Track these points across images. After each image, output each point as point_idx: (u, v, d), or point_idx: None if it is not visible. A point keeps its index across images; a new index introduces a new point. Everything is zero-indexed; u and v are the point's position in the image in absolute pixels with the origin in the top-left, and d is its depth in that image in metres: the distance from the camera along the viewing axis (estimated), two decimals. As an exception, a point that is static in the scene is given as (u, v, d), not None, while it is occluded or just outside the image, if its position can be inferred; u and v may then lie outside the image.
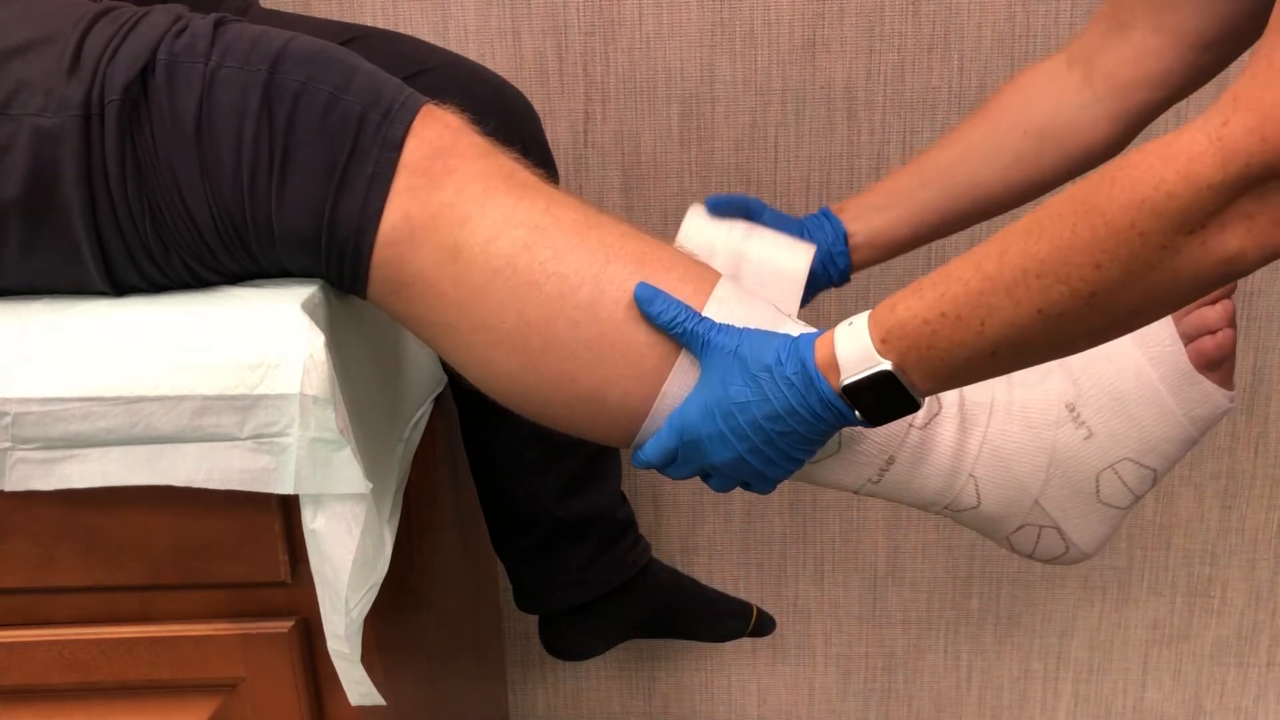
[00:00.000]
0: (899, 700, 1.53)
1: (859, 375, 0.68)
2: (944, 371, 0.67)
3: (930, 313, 0.66)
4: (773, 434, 0.70)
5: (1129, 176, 0.60)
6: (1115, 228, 0.60)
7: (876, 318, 0.68)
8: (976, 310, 0.64)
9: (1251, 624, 1.48)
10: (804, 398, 0.69)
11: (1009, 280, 0.63)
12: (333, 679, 0.76)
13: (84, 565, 0.74)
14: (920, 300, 0.66)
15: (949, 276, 0.66)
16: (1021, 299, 0.63)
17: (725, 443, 0.71)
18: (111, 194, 0.69)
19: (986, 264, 0.64)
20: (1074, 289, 0.62)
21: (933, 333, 0.66)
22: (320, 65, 0.71)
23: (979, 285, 0.64)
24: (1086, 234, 0.61)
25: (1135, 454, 0.80)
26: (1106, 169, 0.62)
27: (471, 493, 1.15)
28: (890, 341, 0.67)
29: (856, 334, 0.68)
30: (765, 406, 0.70)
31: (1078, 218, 0.61)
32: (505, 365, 0.73)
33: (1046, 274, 0.62)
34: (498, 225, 0.71)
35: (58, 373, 0.68)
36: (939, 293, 0.66)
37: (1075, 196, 0.62)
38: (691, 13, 1.24)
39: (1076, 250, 0.61)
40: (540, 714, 1.53)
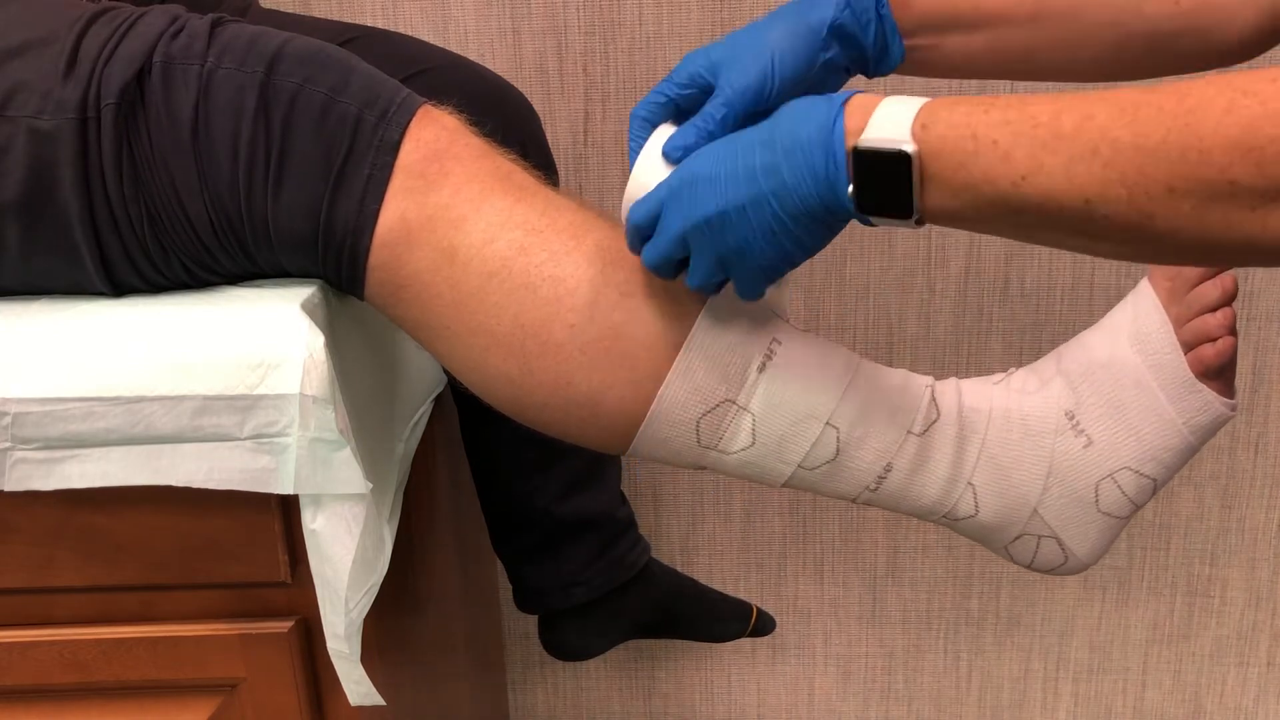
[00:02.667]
0: (899, 700, 1.53)
1: (875, 144, 0.61)
2: (959, 195, 0.60)
3: (984, 131, 0.58)
4: (764, 190, 0.63)
5: (1248, 111, 0.52)
6: (1208, 160, 0.53)
7: (931, 106, 0.61)
8: (1028, 159, 0.57)
9: (1251, 624, 1.48)
10: (813, 141, 0.62)
11: (1076, 150, 0.56)
12: (333, 679, 0.76)
13: (84, 565, 0.74)
14: (984, 115, 0.59)
15: (1025, 107, 0.58)
16: (1078, 176, 0.56)
17: (715, 187, 0.65)
18: (109, 197, 0.69)
19: (1065, 118, 0.57)
20: (1133, 198, 0.55)
21: (974, 152, 0.59)
22: (317, 66, 0.71)
23: (1045, 136, 0.57)
24: (1176, 150, 0.54)
25: (1135, 463, 0.79)
26: (1231, 85, 0.53)
27: (471, 493, 1.14)
28: (930, 131, 0.60)
29: (902, 107, 0.61)
30: (765, 148, 0.64)
31: (1174, 126, 0.54)
32: (501, 368, 0.73)
33: (1114, 166, 0.55)
34: (494, 227, 0.71)
35: (58, 373, 0.68)
36: (1006, 117, 0.58)
37: (1185, 99, 0.54)
38: (691, 13, 1.24)
39: (1158, 162, 0.54)
40: (540, 714, 1.53)
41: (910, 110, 0.61)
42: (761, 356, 0.73)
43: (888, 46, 0.76)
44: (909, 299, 1.34)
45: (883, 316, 1.35)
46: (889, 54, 0.77)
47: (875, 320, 1.36)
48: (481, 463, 1.11)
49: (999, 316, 1.35)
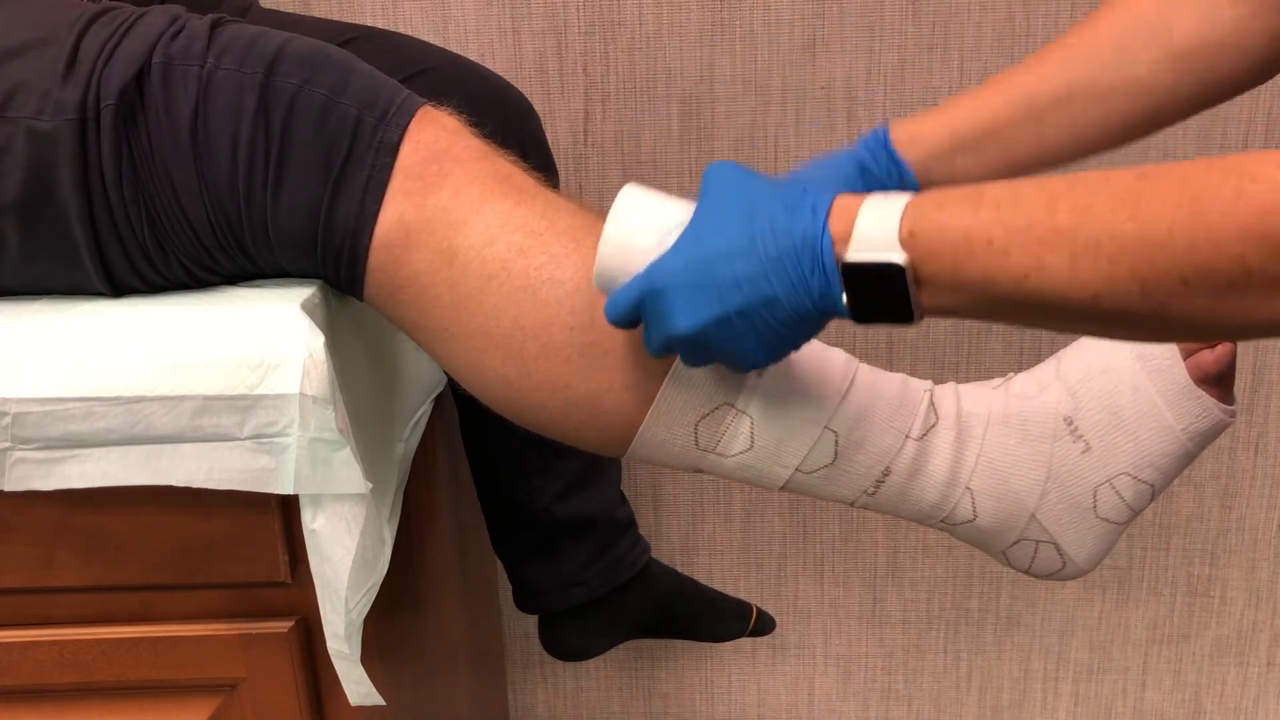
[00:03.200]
0: (899, 700, 1.53)
1: (864, 258, 0.59)
2: (958, 295, 0.59)
3: (978, 232, 0.57)
4: (752, 301, 0.62)
5: (1259, 199, 0.50)
6: (1222, 250, 0.51)
7: (917, 207, 0.59)
8: (1028, 257, 0.56)
9: (1251, 624, 1.48)
10: (799, 253, 0.60)
11: (1079, 246, 0.54)
12: (333, 679, 0.76)
13: (84, 565, 0.74)
14: (974, 215, 0.57)
15: (1017, 200, 0.57)
16: (1083, 272, 0.54)
17: (692, 301, 0.63)
18: (108, 198, 0.69)
19: (1062, 212, 0.55)
20: (1145, 291, 0.53)
21: (969, 253, 0.57)
22: (317, 67, 0.71)
23: (1044, 232, 0.55)
24: (1185, 241, 0.52)
25: (1133, 469, 0.79)
26: (1234, 170, 0.52)
27: (471, 493, 1.15)
28: (919, 238, 0.58)
29: (886, 212, 0.59)
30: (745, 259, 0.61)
31: (1181, 216, 0.52)
32: (499, 370, 0.73)
33: (1122, 262, 0.53)
34: (494, 229, 0.71)
35: (58, 373, 0.68)
36: (998, 216, 0.57)
37: (1186, 186, 0.52)
38: (691, 13, 1.24)
39: (1168, 254, 0.52)
40: (540, 714, 1.53)
41: (894, 212, 0.59)
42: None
43: (904, 182, 0.77)
44: (909, 299, 1.34)
45: (883, 316, 1.35)
46: (906, 188, 0.77)
47: (875, 320, 1.36)
48: (481, 463, 1.11)
49: (999, 316, 1.35)
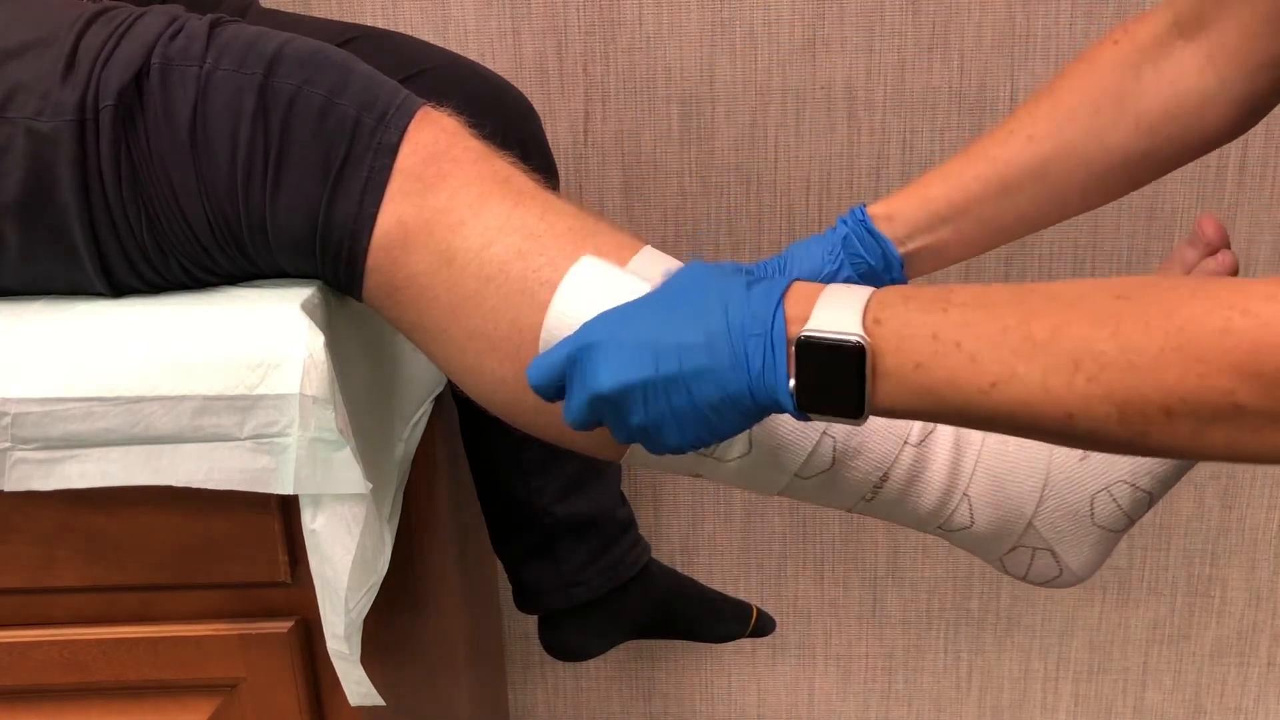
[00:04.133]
0: (899, 700, 1.53)
1: (823, 334, 0.55)
2: (916, 398, 0.55)
3: (946, 332, 0.54)
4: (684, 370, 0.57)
5: (1248, 334, 0.48)
6: (1209, 383, 0.49)
7: (882, 298, 0.56)
8: (999, 365, 0.53)
9: (1251, 624, 1.48)
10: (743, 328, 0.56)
11: (1053, 361, 0.52)
12: (332, 679, 0.76)
13: (84, 565, 0.74)
14: (943, 314, 0.55)
15: (988, 307, 0.54)
16: (1055, 390, 0.52)
17: (623, 359, 0.59)
18: (107, 199, 0.69)
19: (1036, 324, 0.52)
20: (1125, 416, 0.51)
21: (935, 353, 0.54)
22: (316, 68, 0.71)
23: (1016, 342, 0.52)
24: (1173, 369, 0.49)
25: (1130, 477, 0.78)
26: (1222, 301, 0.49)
27: (471, 493, 1.15)
28: (885, 327, 0.55)
29: (850, 299, 0.56)
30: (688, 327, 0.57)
31: (1169, 344, 0.49)
32: (497, 372, 0.73)
33: (1101, 383, 0.51)
34: (492, 231, 0.71)
35: (58, 373, 0.68)
36: (968, 319, 0.54)
37: (1173, 315, 0.50)
38: (691, 13, 1.24)
39: (1151, 382, 0.50)
40: (540, 714, 1.53)
41: (858, 300, 0.56)
42: None
43: (887, 256, 0.77)
44: (909, 299, 1.34)
45: (883, 316, 1.35)
46: (891, 264, 0.77)
47: (875, 320, 1.36)
48: (481, 463, 1.11)
49: (999, 316, 1.35)
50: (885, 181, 1.30)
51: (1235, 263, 0.78)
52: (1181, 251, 0.79)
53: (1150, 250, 1.32)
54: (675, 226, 1.32)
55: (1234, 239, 1.30)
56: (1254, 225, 1.31)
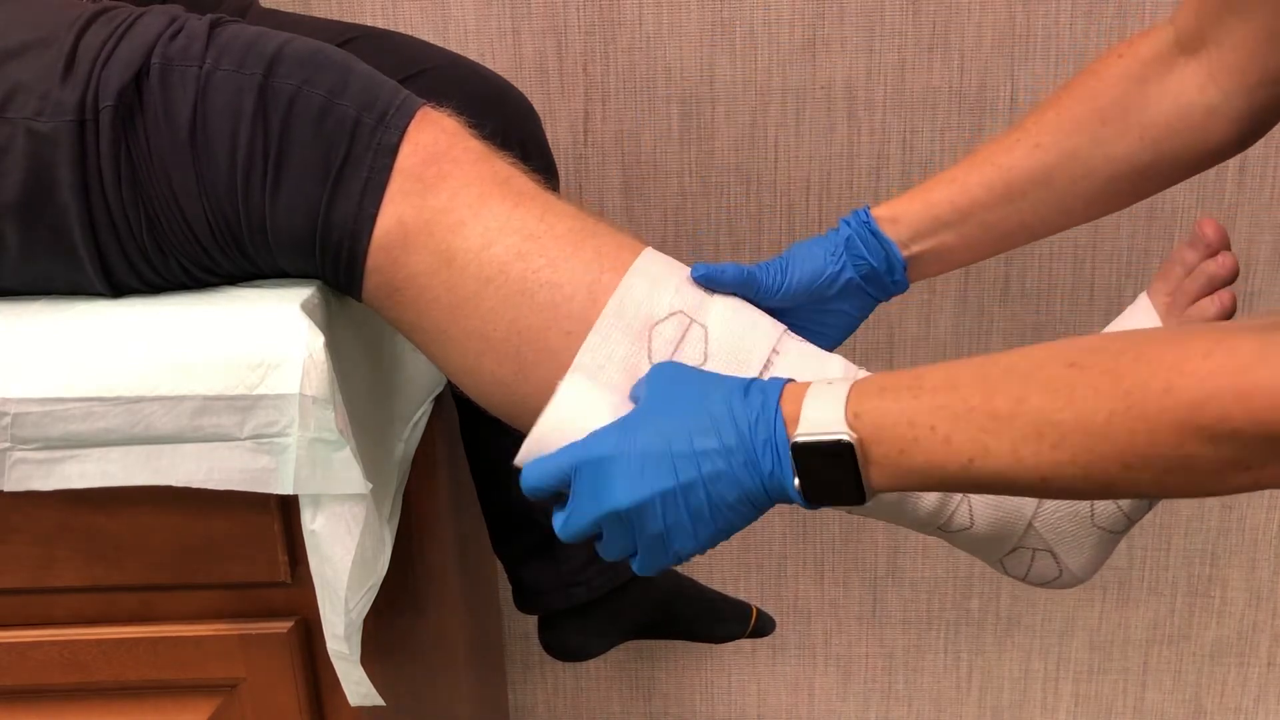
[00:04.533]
0: (899, 700, 1.53)
1: (815, 437, 0.60)
2: (907, 479, 0.60)
3: (920, 418, 0.59)
4: (703, 474, 0.61)
5: (1187, 393, 0.52)
6: (1158, 440, 0.53)
7: (859, 390, 0.61)
8: (971, 443, 0.57)
9: (1251, 624, 1.48)
10: (751, 432, 0.61)
11: (1019, 434, 0.56)
12: (332, 679, 0.76)
13: (84, 565, 0.74)
14: (915, 400, 0.59)
15: (954, 389, 0.59)
16: (1026, 459, 0.56)
17: (641, 471, 0.62)
18: (107, 199, 0.69)
19: (999, 400, 0.57)
20: (1089, 475, 0.55)
21: (914, 439, 0.59)
22: (316, 68, 0.71)
23: (983, 420, 0.57)
24: (1124, 433, 0.54)
25: None
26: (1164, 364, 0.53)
27: (471, 493, 1.14)
28: (864, 420, 0.60)
29: (832, 396, 0.61)
30: (701, 435, 0.61)
31: (1117, 409, 0.54)
32: (496, 373, 0.73)
33: (1063, 449, 0.55)
34: (492, 232, 0.71)
35: (58, 373, 0.68)
36: (937, 402, 0.59)
37: (1119, 381, 0.54)
38: (691, 13, 1.24)
39: (1107, 443, 0.54)
40: (540, 714, 1.53)
41: (840, 396, 0.61)
42: (760, 366, 0.73)
43: (890, 258, 0.79)
44: (909, 299, 1.34)
45: (883, 316, 1.35)
46: (894, 265, 0.79)
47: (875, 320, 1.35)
48: (481, 463, 1.11)
49: (999, 316, 1.35)
50: (885, 181, 1.30)
51: (1235, 264, 0.78)
52: (1181, 253, 0.79)
53: (1150, 250, 1.32)
54: (675, 226, 1.32)
55: (1234, 239, 1.30)
56: (1254, 225, 1.31)
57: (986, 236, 0.79)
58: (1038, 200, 0.78)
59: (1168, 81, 0.76)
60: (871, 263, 0.79)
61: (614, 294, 0.71)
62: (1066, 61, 1.25)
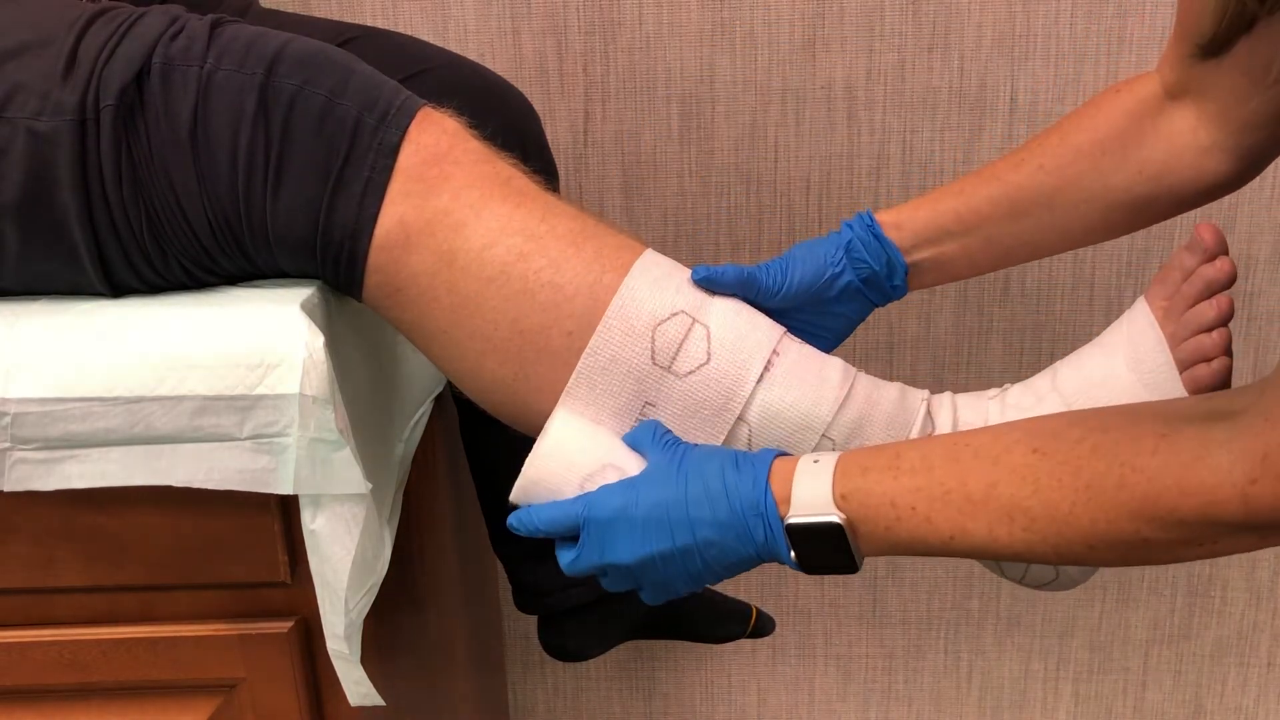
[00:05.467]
0: (899, 700, 1.53)
1: (807, 519, 0.65)
2: (895, 549, 0.66)
3: (901, 499, 0.64)
4: (698, 541, 0.67)
5: (1139, 489, 0.58)
6: (1117, 526, 0.60)
7: (844, 470, 0.66)
8: (950, 523, 0.63)
9: (1251, 624, 1.48)
10: (744, 512, 0.66)
11: (992, 516, 0.62)
12: (332, 679, 0.76)
13: (84, 565, 0.74)
14: (895, 480, 0.64)
15: (930, 470, 0.64)
16: (1001, 539, 0.63)
17: (640, 535, 0.67)
18: (108, 198, 0.69)
19: (972, 484, 0.63)
20: (1060, 552, 0.62)
21: (897, 518, 0.64)
22: (317, 68, 0.71)
23: (959, 503, 0.63)
24: (1085, 519, 0.60)
25: None
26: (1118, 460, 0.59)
27: (471, 493, 1.15)
28: (850, 501, 0.65)
29: (819, 476, 0.66)
30: (697, 506, 0.66)
31: (1079, 500, 0.60)
32: (497, 373, 0.73)
33: (1034, 531, 0.62)
34: (493, 232, 0.71)
35: (58, 373, 0.68)
36: (916, 484, 0.64)
37: (1079, 473, 0.60)
38: (691, 13, 1.24)
39: (1071, 528, 0.61)
40: (540, 714, 1.53)
41: (826, 476, 0.66)
42: (760, 367, 0.73)
43: (891, 263, 0.80)
44: (909, 299, 1.34)
45: (883, 316, 1.35)
46: (895, 270, 0.81)
47: (875, 320, 1.35)
48: (481, 463, 1.11)
49: (999, 316, 1.35)
50: (885, 181, 1.30)
51: (1233, 270, 0.78)
52: (1180, 258, 0.79)
53: (1150, 250, 1.32)
54: (675, 226, 1.32)
55: (1234, 239, 1.30)
56: (1254, 225, 1.31)
57: (988, 250, 0.81)
58: (1039, 220, 0.80)
59: (1161, 122, 0.78)
60: (873, 266, 0.80)
61: (616, 294, 0.71)
62: (1066, 62, 1.25)
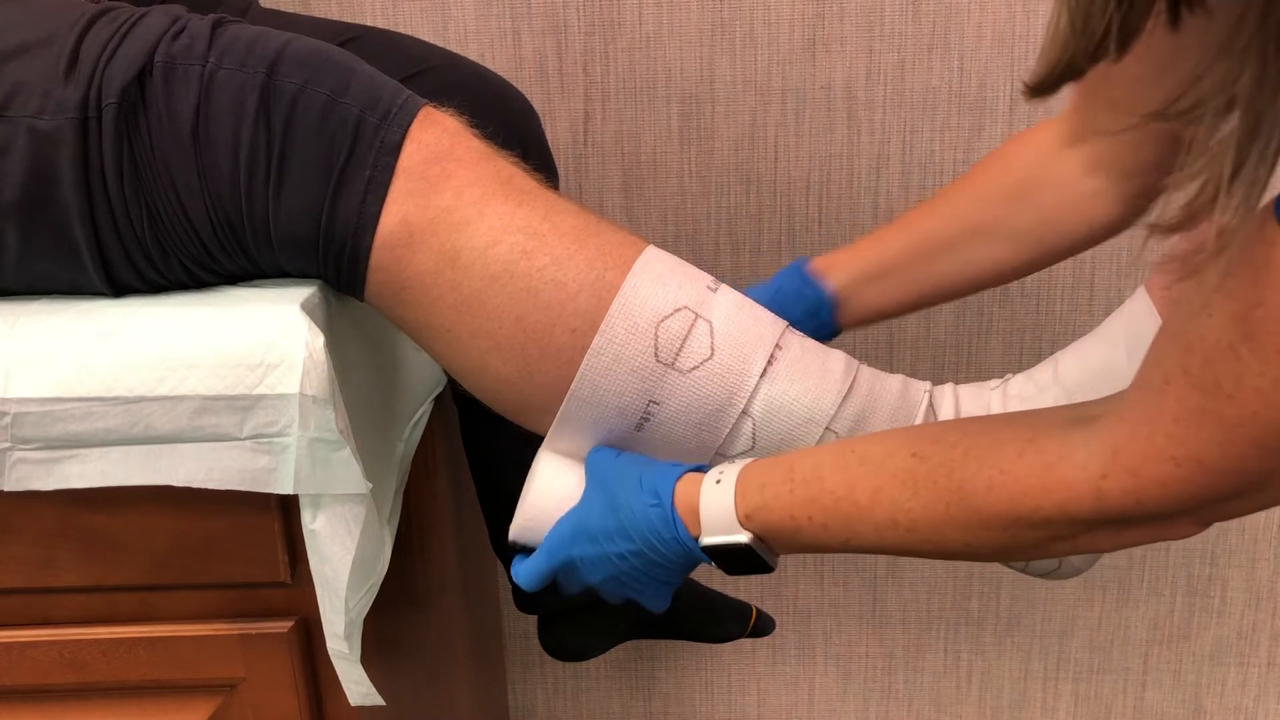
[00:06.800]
0: (899, 700, 1.53)
1: (718, 540, 0.70)
2: (803, 551, 0.71)
3: (798, 511, 0.68)
4: (637, 565, 0.72)
5: (1006, 489, 0.62)
6: (988, 525, 0.63)
7: (743, 491, 0.69)
8: (844, 529, 0.67)
9: (1251, 624, 1.48)
10: (660, 537, 0.71)
11: (878, 520, 0.66)
12: (332, 679, 0.76)
13: (84, 565, 0.74)
14: (790, 495, 0.68)
15: (821, 481, 0.68)
16: (889, 539, 0.66)
17: (593, 567, 0.73)
18: (109, 197, 0.69)
19: (859, 492, 0.66)
20: (941, 549, 0.66)
21: (797, 529, 0.68)
22: (318, 67, 0.71)
23: (849, 509, 0.67)
24: (961, 519, 0.64)
25: None
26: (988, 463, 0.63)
27: (471, 493, 1.15)
28: (754, 519, 0.69)
29: (722, 497, 0.70)
30: (625, 541, 0.71)
31: (952, 501, 0.64)
32: (502, 371, 0.73)
33: (916, 531, 0.65)
34: (496, 231, 0.71)
35: (58, 373, 0.68)
36: (809, 495, 0.67)
37: (953, 474, 0.64)
38: (691, 13, 1.24)
39: (949, 527, 0.64)
40: (540, 714, 1.53)
41: (728, 498, 0.70)
42: (763, 362, 0.74)
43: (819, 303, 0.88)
44: (909, 299, 1.34)
45: (883, 316, 1.35)
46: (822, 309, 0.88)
47: (875, 320, 1.36)
48: (481, 463, 1.11)
49: (999, 317, 1.35)
50: (885, 181, 1.30)
51: None
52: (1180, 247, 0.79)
53: (1150, 250, 1.32)
54: (675, 226, 1.32)
55: (1234, 239, 1.30)
56: (1254, 225, 1.31)
57: (906, 293, 0.89)
58: (949, 264, 0.87)
59: (1059, 168, 0.84)
60: (802, 306, 0.87)
61: (619, 292, 0.71)
62: (1066, 61, 1.25)
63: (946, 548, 0.65)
